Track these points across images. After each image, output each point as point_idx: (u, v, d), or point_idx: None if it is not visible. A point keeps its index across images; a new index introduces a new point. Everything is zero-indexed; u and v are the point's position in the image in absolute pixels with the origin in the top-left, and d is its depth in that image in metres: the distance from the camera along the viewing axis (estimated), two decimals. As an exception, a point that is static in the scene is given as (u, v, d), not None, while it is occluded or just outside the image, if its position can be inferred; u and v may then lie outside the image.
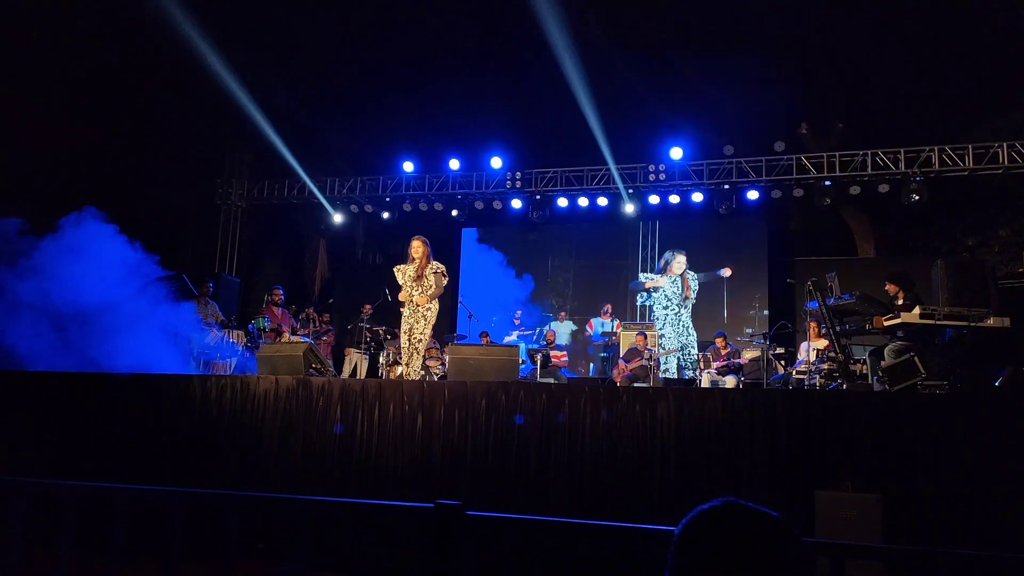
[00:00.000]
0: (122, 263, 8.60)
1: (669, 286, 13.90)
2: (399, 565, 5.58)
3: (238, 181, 14.49)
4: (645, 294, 13.98)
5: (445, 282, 7.91)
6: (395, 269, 7.95)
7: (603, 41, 11.97)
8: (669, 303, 13.87)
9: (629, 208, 13.20)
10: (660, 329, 12.97)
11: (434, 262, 7.84)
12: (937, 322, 6.61)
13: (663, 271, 13.96)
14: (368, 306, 11.56)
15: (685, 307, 13.71)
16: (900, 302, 7.12)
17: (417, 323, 7.68)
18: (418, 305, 7.67)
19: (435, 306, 7.79)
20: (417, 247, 7.81)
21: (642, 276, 14.11)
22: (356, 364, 11.29)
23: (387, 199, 14.12)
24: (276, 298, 10.50)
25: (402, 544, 5.55)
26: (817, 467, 5.38)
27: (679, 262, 13.91)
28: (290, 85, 13.42)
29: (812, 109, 12.70)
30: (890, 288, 7.30)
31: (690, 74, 11.98)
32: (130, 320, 8.40)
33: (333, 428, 6.49)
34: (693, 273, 13.79)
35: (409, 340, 7.71)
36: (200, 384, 6.94)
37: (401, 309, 7.86)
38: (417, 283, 7.71)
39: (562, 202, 13.53)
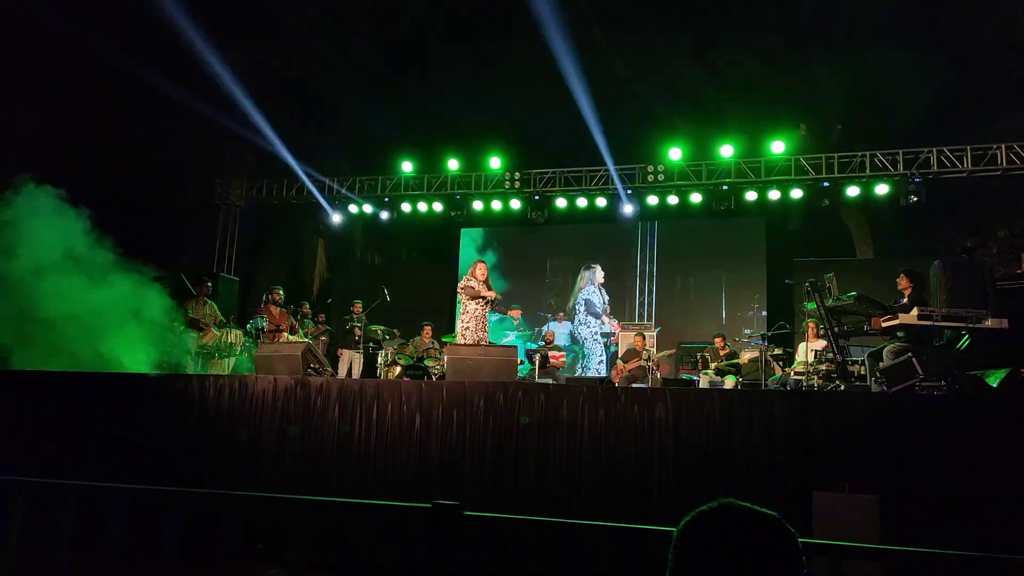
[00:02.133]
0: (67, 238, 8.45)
1: (595, 295, 14.26)
2: (397, 565, 5.59)
3: (237, 181, 14.48)
4: (581, 304, 14.35)
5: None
6: (464, 286, 8.62)
7: (602, 41, 11.98)
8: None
9: (628, 209, 13.21)
10: (585, 335, 14.07)
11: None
12: (935, 323, 6.61)
13: (590, 283, 14.46)
14: (358, 304, 11.52)
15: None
16: (904, 300, 7.11)
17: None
18: (481, 322, 8.43)
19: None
20: (483, 269, 8.66)
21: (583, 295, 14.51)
22: (351, 364, 11.26)
23: (386, 199, 14.11)
24: (276, 297, 10.45)
25: (400, 544, 5.55)
26: (815, 468, 5.39)
27: (596, 272, 14.41)
28: (290, 84, 13.41)
29: (811, 110, 12.72)
30: (902, 281, 7.27)
31: (689, 74, 11.99)
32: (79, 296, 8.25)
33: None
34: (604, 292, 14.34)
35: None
36: (199, 384, 6.94)
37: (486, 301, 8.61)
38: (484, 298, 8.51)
39: (561, 203, 13.54)
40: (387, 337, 11.26)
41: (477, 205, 13.81)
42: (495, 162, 13.42)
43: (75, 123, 11.31)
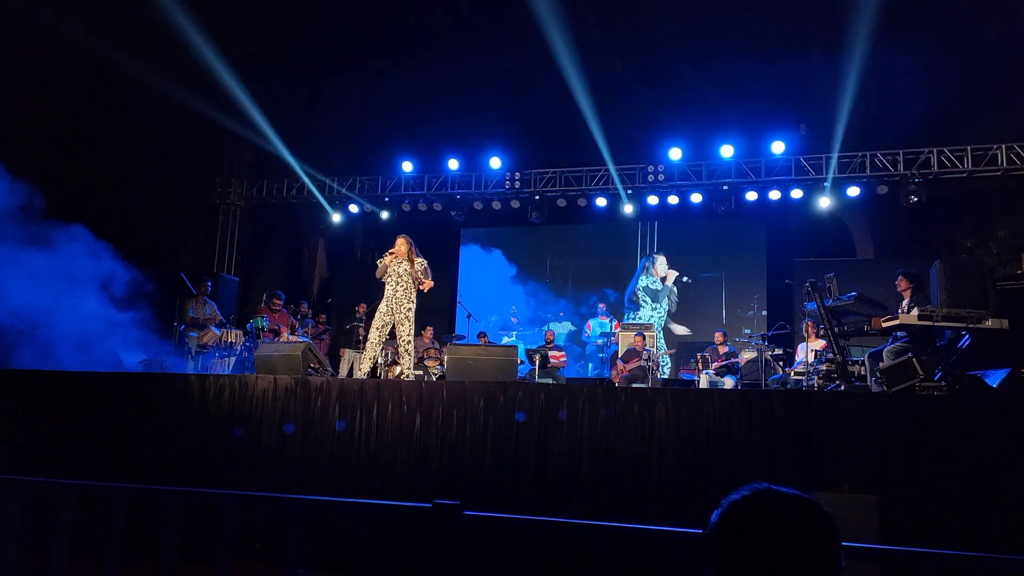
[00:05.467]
0: None
1: (660, 287, 14.17)
2: (397, 565, 5.58)
3: (237, 180, 14.48)
4: (633, 305, 14.22)
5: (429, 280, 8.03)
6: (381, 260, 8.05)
7: (603, 41, 11.97)
8: (657, 305, 14.11)
9: (628, 209, 13.20)
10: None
11: (419, 258, 8.00)
12: (935, 323, 6.61)
13: (646, 272, 14.24)
14: (363, 305, 11.54)
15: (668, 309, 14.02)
16: (905, 300, 7.11)
17: (402, 325, 7.85)
18: (401, 305, 7.81)
19: (414, 307, 7.96)
20: (400, 244, 7.96)
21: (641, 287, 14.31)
22: (352, 364, 11.28)
23: (386, 199, 14.11)
24: (275, 307, 10.53)
25: (400, 544, 5.55)
26: (814, 468, 5.39)
27: (660, 263, 14.15)
28: (290, 84, 13.40)
29: (811, 110, 12.70)
30: (901, 282, 7.27)
31: (689, 74, 11.97)
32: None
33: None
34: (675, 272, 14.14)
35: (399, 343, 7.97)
36: (198, 383, 6.93)
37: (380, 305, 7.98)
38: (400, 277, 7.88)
39: (561, 203, 13.52)
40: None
41: (477, 205, 13.80)
42: (495, 162, 13.41)
43: (74, 123, 11.30)
